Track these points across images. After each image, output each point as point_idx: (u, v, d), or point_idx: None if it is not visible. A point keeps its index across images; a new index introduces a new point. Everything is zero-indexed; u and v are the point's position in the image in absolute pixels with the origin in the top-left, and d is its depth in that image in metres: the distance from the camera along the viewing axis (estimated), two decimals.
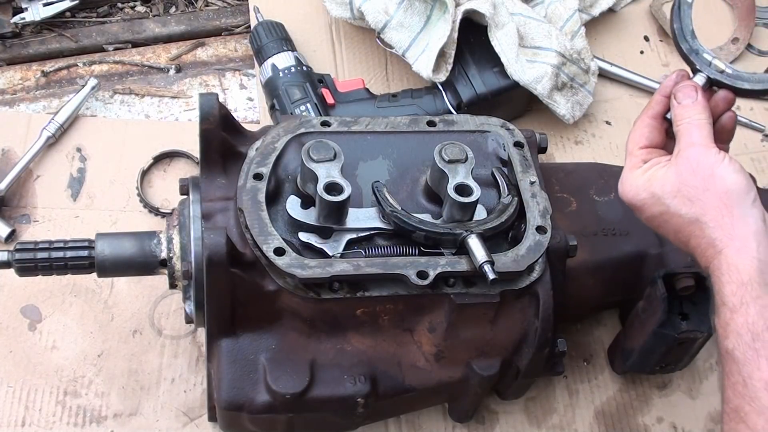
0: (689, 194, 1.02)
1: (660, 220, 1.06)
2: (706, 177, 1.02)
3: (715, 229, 1.00)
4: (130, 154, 1.54)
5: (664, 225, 1.06)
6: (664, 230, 1.07)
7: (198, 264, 1.12)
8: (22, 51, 1.69)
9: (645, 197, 1.06)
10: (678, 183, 1.03)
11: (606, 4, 1.72)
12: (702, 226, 1.01)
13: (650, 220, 1.08)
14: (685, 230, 1.03)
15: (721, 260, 0.99)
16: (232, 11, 1.78)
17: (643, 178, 1.07)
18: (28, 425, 1.31)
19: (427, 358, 1.19)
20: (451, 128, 1.26)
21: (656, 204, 1.05)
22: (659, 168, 1.06)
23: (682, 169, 1.03)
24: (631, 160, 1.10)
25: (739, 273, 0.97)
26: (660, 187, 1.05)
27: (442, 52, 1.50)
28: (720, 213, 1.00)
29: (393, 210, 1.12)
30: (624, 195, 1.10)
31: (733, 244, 0.98)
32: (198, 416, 1.33)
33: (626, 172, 1.10)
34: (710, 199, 1.01)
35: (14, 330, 1.38)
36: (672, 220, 1.04)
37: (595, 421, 1.38)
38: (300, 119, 1.23)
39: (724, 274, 0.98)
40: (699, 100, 1.08)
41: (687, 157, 1.04)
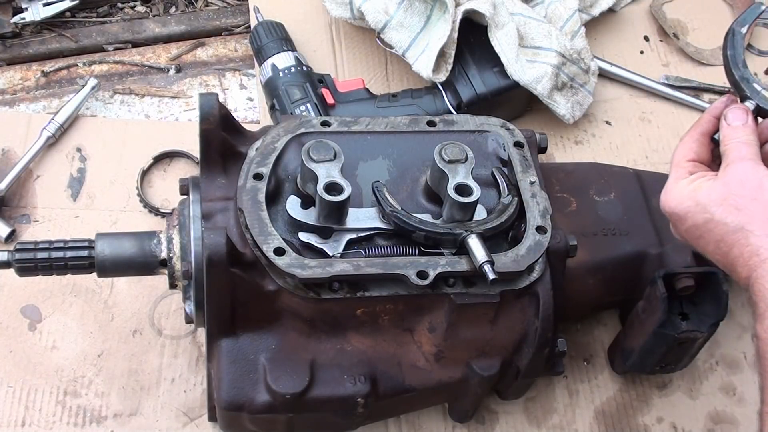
0: (736, 203, 1.02)
1: (703, 229, 1.05)
2: (755, 188, 1.02)
3: (761, 237, 1.00)
4: (130, 154, 1.54)
5: (706, 235, 1.05)
6: (705, 240, 1.06)
7: (198, 264, 1.12)
8: (22, 51, 1.69)
9: (689, 205, 1.06)
10: (725, 192, 1.03)
11: (606, 4, 1.72)
12: (747, 234, 1.01)
13: (691, 230, 1.07)
14: (729, 239, 1.02)
15: (765, 268, 0.99)
16: (232, 11, 1.78)
17: (688, 188, 1.08)
18: (28, 425, 1.31)
19: (427, 358, 1.19)
20: (451, 128, 1.26)
21: (701, 212, 1.05)
22: (705, 180, 1.07)
23: (730, 179, 1.04)
24: (677, 171, 1.11)
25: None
26: (706, 196, 1.05)
27: (442, 52, 1.50)
28: (767, 223, 1.00)
29: (393, 210, 1.12)
30: (666, 204, 1.10)
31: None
32: (198, 416, 1.33)
33: (671, 182, 1.10)
34: (758, 208, 1.01)
35: (14, 330, 1.38)
36: (716, 228, 1.04)
37: (595, 421, 1.38)
38: (300, 119, 1.23)
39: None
40: (749, 123, 1.10)
41: (735, 169, 1.05)
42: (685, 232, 1.09)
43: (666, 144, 1.62)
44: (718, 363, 1.44)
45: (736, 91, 1.15)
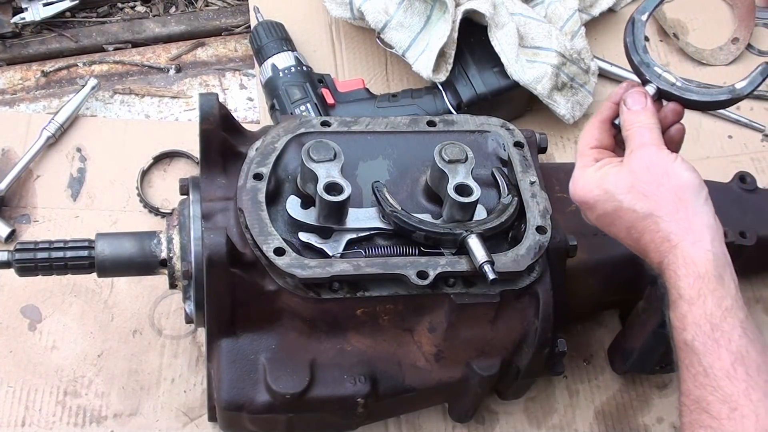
0: (643, 190, 1.03)
1: (613, 216, 1.06)
2: (660, 174, 1.03)
3: (671, 222, 1.01)
4: (130, 154, 1.54)
5: (617, 222, 1.06)
6: (616, 228, 1.07)
7: (198, 264, 1.12)
8: (22, 51, 1.69)
9: (598, 194, 1.06)
10: (632, 179, 1.04)
11: (606, 4, 1.72)
12: (657, 220, 1.02)
13: (602, 218, 1.08)
14: (639, 225, 1.03)
15: (677, 254, 1.00)
16: (232, 11, 1.78)
17: (596, 175, 1.07)
18: (28, 425, 1.31)
19: (427, 358, 1.19)
20: (451, 128, 1.26)
21: (609, 200, 1.05)
22: (611, 167, 1.07)
23: (636, 166, 1.04)
24: (583, 160, 1.11)
25: (696, 265, 0.98)
26: (613, 183, 1.05)
27: (442, 52, 1.50)
28: (675, 207, 1.01)
29: (393, 210, 1.12)
30: (576, 193, 1.10)
31: (689, 237, 1.00)
32: (198, 416, 1.33)
33: (578, 170, 1.10)
34: (665, 194, 1.02)
35: (14, 330, 1.38)
36: (626, 215, 1.04)
37: (595, 421, 1.38)
38: (300, 119, 1.23)
39: (681, 267, 0.99)
40: (648, 106, 1.09)
41: (640, 155, 1.05)
42: (596, 220, 1.09)
43: None
44: None
45: (638, 76, 1.14)
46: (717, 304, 0.96)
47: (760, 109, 1.69)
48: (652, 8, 1.16)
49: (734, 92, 1.11)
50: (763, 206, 1.41)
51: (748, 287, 1.51)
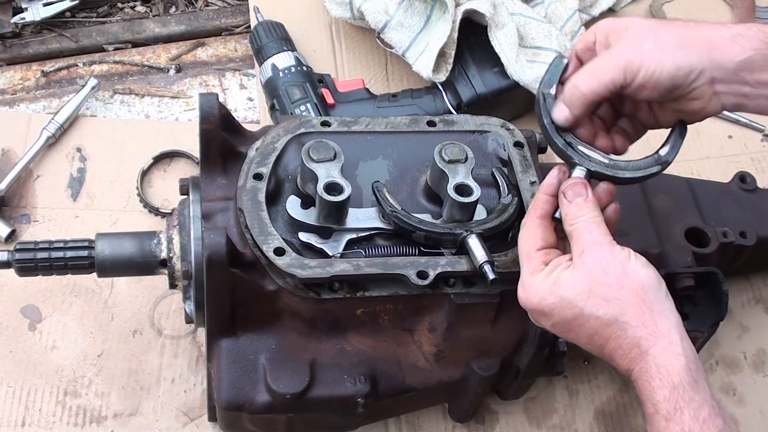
0: (604, 294, 0.95)
1: (573, 324, 0.98)
2: (619, 274, 0.96)
3: (638, 327, 0.94)
4: (130, 154, 1.54)
5: (577, 329, 0.98)
6: (576, 334, 0.99)
7: (198, 264, 1.12)
8: (22, 51, 1.69)
9: (554, 301, 0.98)
10: (589, 283, 0.96)
11: (606, 4, 1.72)
12: (623, 326, 0.95)
13: (558, 325, 0.99)
14: (603, 332, 0.96)
15: (648, 362, 0.94)
16: (232, 11, 1.78)
17: (547, 282, 0.99)
18: (28, 425, 1.31)
19: (427, 358, 1.19)
20: (451, 128, 1.26)
21: (567, 307, 0.97)
22: (563, 270, 0.99)
23: (591, 268, 0.97)
24: (531, 264, 1.01)
25: (670, 375, 0.92)
26: (570, 289, 0.97)
27: (442, 52, 1.50)
28: (639, 310, 0.95)
29: (393, 210, 1.12)
30: (528, 301, 1.00)
31: (659, 343, 0.94)
32: (198, 416, 1.33)
33: (527, 276, 1.01)
34: (627, 296, 0.95)
35: (14, 330, 1.38)
36: (587, 323, 0.97)
37: (595, 421, 1.38)
38: (300, 119, 1.23)
39: (654, 377, 0.93)
40: (589, 197, 1.02)
41: (593, 255, 0.97)
42: (552, 327, 1.01)
43: None
44: (718, 363, 1.44)
45: (563, 159, 1.07)
46: (695, 417, 0.91)
47: None
48: (559, 77, 1.08)
49: (661, 160, 1.06)
50: (763, 206, 1.41)
51: (748, 287, 1.51)
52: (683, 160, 1.60)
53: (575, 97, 1.04)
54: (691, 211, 1.35)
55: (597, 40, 1.07)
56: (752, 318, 1.49)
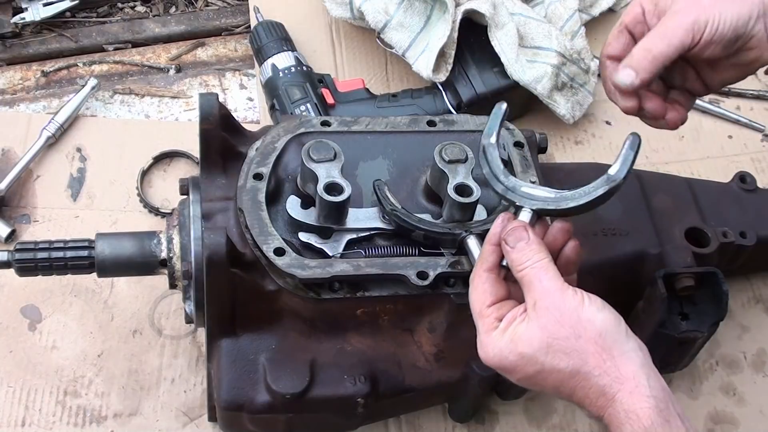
0: (562, 347, 0.93)
1: (537, 378, 0.96)
2: (574, 324, 0.94)
3: (601, 376, 0.92)
4: (130, 154, 1.54)
5: (542, 382, 0.96)
6: (542, 387, 0.97)
7: (198, 264, 1.12)
8: (22, 51, 1.69)
9: (514, 360, 0.95)
10: (546, 338, 0.94)
11: (606, 4, 1.72)
12: (586, 376, 0.93)
13: (524, 380, 0.98)
14: (568, 384, 0.95)
15: (617, 408, 0.92)
16: (232, 11, 1.78)
17: (504, 339, 0.96)
18: (28, 425, 1.31)
19: (427, 358, 1.19)
20: (451, 128, 1.26)
21: (528, 364, 0.95)
22: (518, 324, 0.96)
23: (545, 321, 0.94)
24: (485, 323, 0.98)
25: (640, 419, 0.90)
26: (527, 345, 0.94)
27: (442, 52, 1.50)
28: (600, 358, 0.93)
29: (393, 208, 1.12)
30: (489, 361, 0.98)
31: (625, 387, 0.92)
32: (198, 416, 1.33)
33: (483, 336, 0.98)
34: (585, 346, 0.93)
35: (14, 330, 1.38)
36: (550, 376, 0.95)
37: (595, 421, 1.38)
38: (300, 119, 1.23)
39: (624, 423, 0.91)
40: (532, 239, 0.99)
41: (546, 307, 0.95)
42: (518, 382, 0.98)
43: (666, 144, 1.62)
44: (718, 363, 1.44)
45: (508, 203, 1.06)
46: None
47: (760, 109, 1.69)
48: (498, 127, 1.08)
49: (610, 181, 1.01)
50: (763, 206, 1.41)
51: (748, 287, 1.51)
52: (683, 160, 1.61)
53: (646, 60, 1.05)
54: (691, 211, 1.35)
55: (646, 10, 1.08)
56: (752, 318, 1.49)
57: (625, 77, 1.07)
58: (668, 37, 1.05)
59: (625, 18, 1.11)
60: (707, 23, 1.03)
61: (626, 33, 1.11)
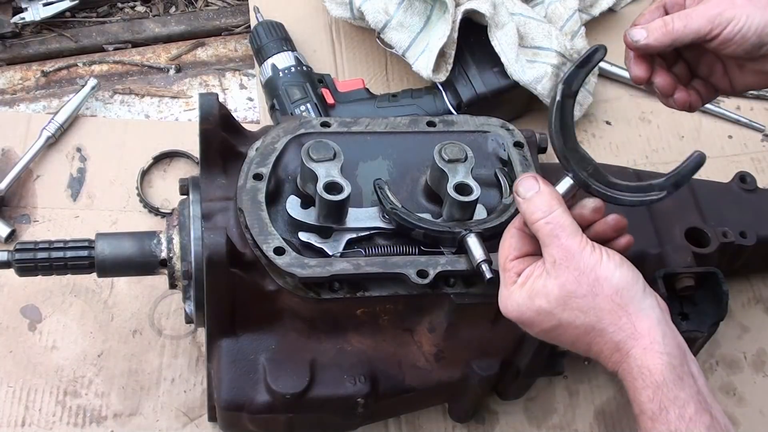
0: (578, 305, 0.95)
1: (554, 333, 0.98)
2: (592, 282, 0.95)
3: (616, 332, 0.94)
4: (130, 154, 1.54)
5: (560, 336, 0.98)
6: (560, 340, 1.00)
7: (198, 264, 1.12)
8: (22, 51, 1.69)
9: (531, 315, 0.98)
10: (563, 295, 0.95)
11: (606, 4, 1.72)
12: (601, 333, 0.95)
13: (542, 334, 1.00)
14: (584, 339, 0.97)
15: (630, 364, 0.93)
16: (232, 11, 1.78)
17: (522, 294, 0.98)
18: (28, 425, 1.31)
19: (427, 358, 1.19)
20: (451, 128, 1.26)
21: (546, 319, 0.97)
22: (536, 279, 0.98)
23: (563, 279, 0.95)
24: (506, 276, 1.01)
25: (652, 374, 0.92)
26: (545, 301, 0.96)
27: (442, 52, 1.50)
28: (616, 315, 0.94)
29: (393, 207, 1.12)
30: (508, 314, 1.01)
31: (639, 344, 0.93)
32: (198, 416, 1.33)
33: (503, 289, 1.01)
34: (602, 303, 0.95)
35: (14, 330, 1.38)
36: (567, 331, 0.97)
37: (595, 421, 1.38)
38: (300, 119, 1.23)
39: (637, 378, 0.93)
40: (542, 189, 0.99)
41: (565, 266, 0.96)
42: (537, 335, 1.01)
43: (666, 144, 1.62)
44: (718, 363, 1.44)
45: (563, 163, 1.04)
46: (680, 416, 0.91)
47: (760, 109, 1.69)
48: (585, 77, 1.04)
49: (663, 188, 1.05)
50: (763, 206, 1.41)
51: (748, 287, 1.51)
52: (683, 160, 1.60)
53: (660, 30, 1.07)
54: (691, 211, 1.35)
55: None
56: (752, 318, 1.49)
57: (635, 33, 1.10)
58: (687, 19, 1.07)
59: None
60: (731, 20, 1.04)
61: (662, 10, 1.12)
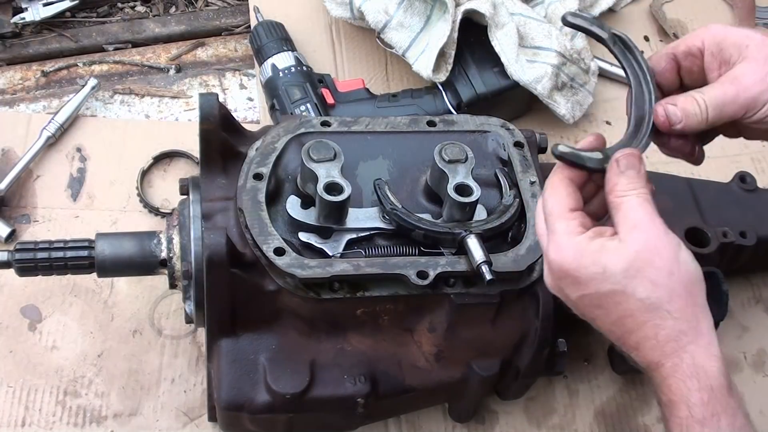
0: (652, 277, 0.88)
1: (607, 300, 0.90)
2: (670, 260, 0.89)
3: (680, 320, 0.88)
4: (130, 154, 1.54)
5: (610, 307, 0.90)
6: (604, 312, 0.91)
7: (198, 264, 1.12)
8: (22, 51, 1.69)
9: (595, 270, 0.89)
10: (638, 262, 0.89)
11: (606, 4, 1.72)
12: (664, 315, 0.88)
13: (587, 298, 0.92)
14: (639, 317, 0.89)
15: (684, 359, 0.88)
16: (232, 11, 1.78)
17: (590, 247, 0.90)
18: (28, 425, 1.31)
19: (427, 358, 1.19)
20: (451, 128, 1.26)
21: (609, 281, 0.89)
22: (608, 240, 0.90)
23: (642, 247, 0.89)
24: (567, 224, 0.92)
25: (708, 377, 0.88)
26: (615, 262, 0.89)
27: (442, 52, 1.50)
28: (685, 302, 0.89)
29: (393, 207, 1.12)
30: (563, 263, 0.91)
31: (700, 341, 0.89)
32: (198, 416, 1.33)
33: (563, 237, 0.91)
34: (675, 285, 0.89)
35: (14, 330, 1.38)
36: (625, 302, 0.89)
37: (595, 421, 1.38)
38: (300, 119, 1.23)
39: (692, 377, 0.88)
40: (642, 173, 0.94)
41: (646, 234, 0.90)
42: (579, 299, 0.93)
43: None
44: None
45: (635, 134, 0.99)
46: (731, 425, 0.88)
47: None
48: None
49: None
50: (763, 206, 1.41)
51: (748, 287, 1.51)
52: None
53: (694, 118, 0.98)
54: (691, 211, 1.35)
55: (706, 48, 1.00)
56: (752, 318, 1.49)
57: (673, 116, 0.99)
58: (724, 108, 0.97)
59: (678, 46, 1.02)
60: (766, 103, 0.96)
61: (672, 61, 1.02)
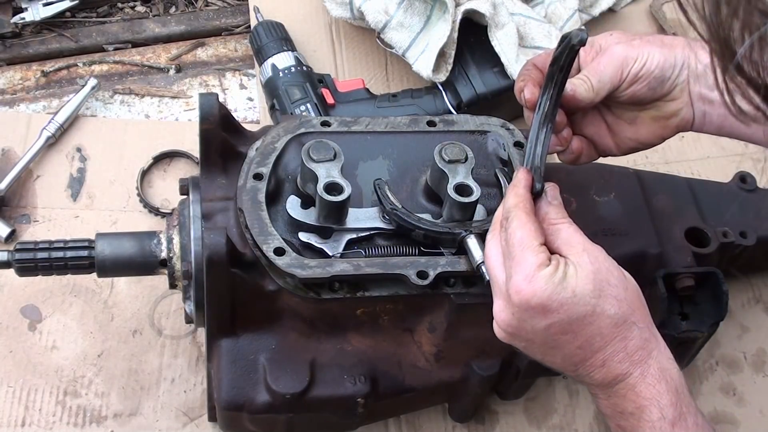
0: (614, 293, 0.94)
1: (578, 323, 0.94)
2: (620, 276, 0.96)
3: (644, 329, 0.94)
4: (130, 154, 1.54)
5: (581, 329, 0.94)
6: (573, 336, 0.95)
7: (198, 264, 1.12)
8: (22, 51, 1.69)
9: (566, 296, 0.93)
10: (599, 282, 0.94)
11: (606, 4, 1.72)
12: (631, 327, 0.94)
13: (556, 326, 0.95)
14: (609, 333, 0.93)
15: (651, 365, 0.93)
16: (232, 11, 1.78)
17: (557, 275, 0.94)
18: (28, 425, 1.31)
19: (427, 358, 1.19)
20: (451, 128, 1.26)
21: (580, 303, 0.93)
22: (567, 267, 0.95)
23: (597, 268, 0.94)
24: (537, 257, 0.95)
25: (672, 379, 0.92)
26: (582, 284, 0.93)
27: (442, 52, 1.50)
28: (643, 312, 0.96)
29: (393, 207, 1.12)
30: (535, 295, 0.93)
31: (659, 347, 0.94)
32: (198, 416, 1.33)
33: (533, 270, 0.94)
34: (632, 297, 0.95)
35: (14, 330, 1.38)
36: (596, 321, 0.93)
37: (595, 421, 1.38)
38: (300, 119, 1.23)
39: (660, 381, 0.92)
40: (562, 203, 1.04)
41: (595, 256, 0.96)
42: (546, 329, 0.95)
43: (666, 144, 1.61)
44: (718, 363, 1.44)
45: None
46: (696, 423, 0.92)
47: None
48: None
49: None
50: (763, 206, 1.41)
51: (748, 287, 1.51)
52: (683, 160, 1.61)
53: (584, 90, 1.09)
54: (691, 211, 1.35)
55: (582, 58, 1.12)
56: (752, 318, 1.49)
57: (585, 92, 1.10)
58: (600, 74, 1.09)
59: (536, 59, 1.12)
60: (636, 59, 1.08)
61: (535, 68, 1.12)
